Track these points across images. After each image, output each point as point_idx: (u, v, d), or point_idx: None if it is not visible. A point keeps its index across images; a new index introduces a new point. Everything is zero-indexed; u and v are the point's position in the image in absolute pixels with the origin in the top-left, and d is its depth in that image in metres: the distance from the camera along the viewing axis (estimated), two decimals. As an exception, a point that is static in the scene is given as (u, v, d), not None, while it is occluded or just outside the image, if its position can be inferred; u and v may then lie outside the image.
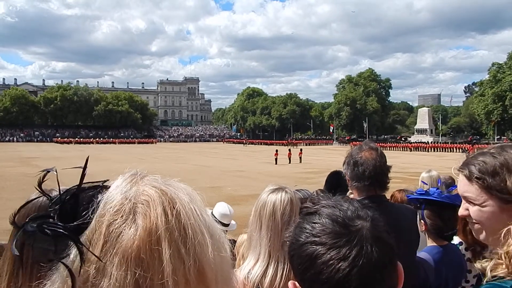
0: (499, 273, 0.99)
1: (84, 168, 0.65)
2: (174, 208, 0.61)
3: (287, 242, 0.81)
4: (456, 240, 2.47)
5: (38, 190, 0.65)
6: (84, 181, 0.65)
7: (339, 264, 0.69)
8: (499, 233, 1.04)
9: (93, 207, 0.62)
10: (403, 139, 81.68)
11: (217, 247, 0.65)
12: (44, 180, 0.66)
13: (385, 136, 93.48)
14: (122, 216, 0.60)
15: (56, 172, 0.65)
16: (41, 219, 0.60)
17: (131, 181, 0.64)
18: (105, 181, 0.67)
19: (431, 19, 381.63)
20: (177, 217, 0.61)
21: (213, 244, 0.64)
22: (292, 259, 0.77)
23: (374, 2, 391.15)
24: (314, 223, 0.75)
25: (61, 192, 0.63)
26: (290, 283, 0.80)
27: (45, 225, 0.59)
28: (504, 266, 0.99)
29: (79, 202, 0.62)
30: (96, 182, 0.66)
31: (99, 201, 0.62)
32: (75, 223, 0.60)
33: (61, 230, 0.58)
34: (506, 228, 1.04)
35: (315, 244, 0.72)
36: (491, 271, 1.01)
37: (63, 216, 0.61)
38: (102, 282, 0.57)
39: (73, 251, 0.60)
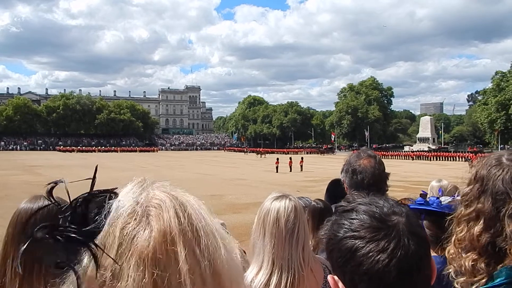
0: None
1: (94, 176, 0.66)
2: (185, 211, 0.63)
3: (324, 239, 0.85)
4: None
5: (47, 198, 0.65)
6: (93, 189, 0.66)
7: (379, 256, 0.73)
8: None
9: (104, 212, 0.62)
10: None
11: (228, 250, 0.66)
12: (52, 190, 0.66)
13: (387, 145, 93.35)
14: (135, 219, 0.60)
15: (65, 182, 0.66)
16: (50, 228, 0.59)
17: (141, 186, 0.66)
18: (114, 188, 0.67)
19: (433, 27, 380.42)
20: (189, 220, 0.62)
21: (225, 247, 0.65)
22: (331, 253, 0.81)
23: (375, 11, 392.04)
24: (352, 219, 0.79)
25: (71, 200, 0.63)
26: (329, 277, 0.83)
27: (56, 232, 0.58)
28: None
29: (89, 208, 0.63)
30: (106, 189, 0.67)
31: (110, 206, 0.62)
32: (88, 227, 0.60)
33: (74, 235, 0.58)
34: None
35: (354, 238, 0.76)
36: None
37: (75, 222, 0.61)
38: (119, 284, 0.57)
39: (86, 258, 0.60)
